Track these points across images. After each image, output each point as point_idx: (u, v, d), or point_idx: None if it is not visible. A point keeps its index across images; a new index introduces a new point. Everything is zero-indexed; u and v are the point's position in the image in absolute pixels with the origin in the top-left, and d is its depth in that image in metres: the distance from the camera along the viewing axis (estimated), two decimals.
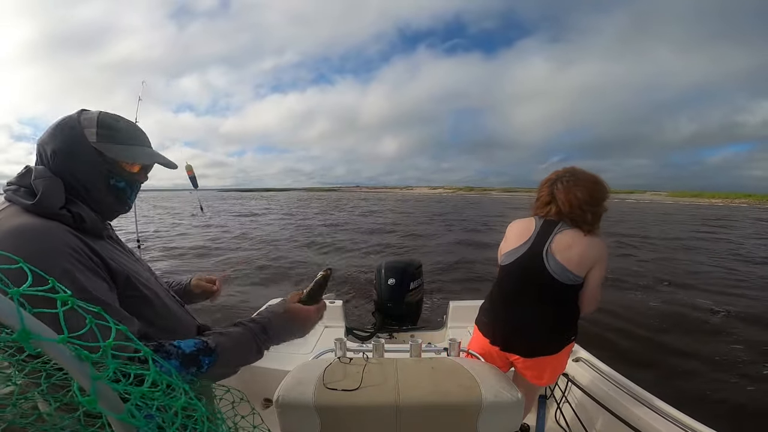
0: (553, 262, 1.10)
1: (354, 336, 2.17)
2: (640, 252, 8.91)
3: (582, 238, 1.09)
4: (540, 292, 1.15)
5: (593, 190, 1.13)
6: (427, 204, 40.91)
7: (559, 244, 1.10)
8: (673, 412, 1.18)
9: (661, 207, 39.58)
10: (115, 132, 0.64)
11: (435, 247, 9.55)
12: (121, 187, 0.66)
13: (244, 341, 0.63)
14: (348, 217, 19.95)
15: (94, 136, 0.61)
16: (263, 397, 1.76)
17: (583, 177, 1.15)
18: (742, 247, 10.77)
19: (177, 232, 12.50)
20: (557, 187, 1.15)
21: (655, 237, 12.23)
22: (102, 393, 0.31)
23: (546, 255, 1.12)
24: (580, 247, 1.08)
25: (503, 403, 0.89)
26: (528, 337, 1.18)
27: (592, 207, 1.12)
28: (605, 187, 1.16)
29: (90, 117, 0.63)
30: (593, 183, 1.14)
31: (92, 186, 0.63)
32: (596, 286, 1.11)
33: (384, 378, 0.98)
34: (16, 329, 0.26)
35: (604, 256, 1.10)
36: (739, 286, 5.84)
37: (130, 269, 0.63)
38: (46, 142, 0.61)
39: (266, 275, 6.30)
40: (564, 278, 1.09)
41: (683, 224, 18.76)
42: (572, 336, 1.19)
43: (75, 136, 0.61)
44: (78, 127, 0.61)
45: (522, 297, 1.19)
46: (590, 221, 1.11)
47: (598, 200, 1.13)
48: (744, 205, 53.86)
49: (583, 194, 1.11)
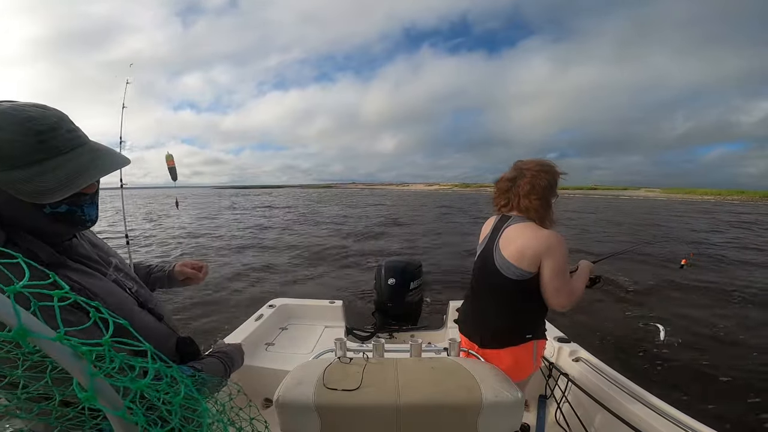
0: (499, 257, 1.10)
1: (354, 336, 2.17)
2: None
3: (526, 231, 1.06)
4: (493, 287, 1.17)
5: (535, 177, 1.08)
6: (419, 198, 43.74)
7: (505, 238, 1.10)
8: (673, 412, 1.18)
9: (656, 203, 40.06)
10: (13, 149, 0.42)
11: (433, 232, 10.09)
12: (63, 211, 0.50)
13: (220, 366, 0.75)
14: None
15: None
16: (263, 397, 1.75)
17: (527, 166, 1.11)
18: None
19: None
20: (519, 181, 1.11)
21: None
22: (100, 389, 0.31)
23: (495, 250, 1.12)
24: (522, 239, 1.05)
25: (503, 402, 0.89)
26: (482, 327, 1.23)
27: (538, 195, 1.07)
28: (552, 170, 1.10)
29: None
30: (537, 169, 1.09)
31: (23, 223, 0.48)
32: (552, 278, 1.02)
33: (384, 378, 0.98)
34: (14, 327, 0.26)
35: (553, 246, 1.01)
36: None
37: (100, 294, 0.55)
38: None
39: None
40: (509, 273, 1.08)
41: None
42: (528, 335, 1.15)
43: None
44: None
45: (480, 292, 1.25)
46: (538, 210, 1.07)
47: (542, 187, 1.08)
48: (736, 201, 54.59)
49: (530, 183, 1.07)
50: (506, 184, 1.16)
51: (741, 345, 3.55)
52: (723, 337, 3.72)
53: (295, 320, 2.35)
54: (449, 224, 14.75)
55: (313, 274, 6.31)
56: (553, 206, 1.12)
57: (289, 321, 2.34)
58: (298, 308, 2.40)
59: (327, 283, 5.71)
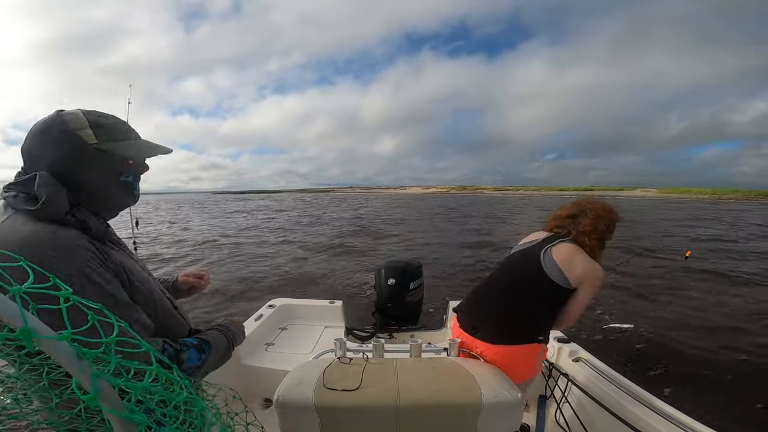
0: (548, 260, 1.15)
1: (354, 336, 2.17)
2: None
3: (582, 254, 1.15)
4: (524, 283, 1.18)
5: (598, 219, 1.19)
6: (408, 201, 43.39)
7: (559, 249, 1.16)
8: (672, 412, 1.18)
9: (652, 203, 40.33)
10: (110, 130, 0.63)
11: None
12: (129, 181, 0.69)
13: (223, 338, 0.77)
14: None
15: (92, 138, 0.61)
16: (263, 397, 1.74)
17: (591, 206, 1.22)
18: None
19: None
20: (581, 218, 1.21)
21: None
22: (103, 391, 0.31)
23: (543, 254, 1.17)
24: (578, 257, 1.14)
25: (503, 403, 0.90)
26: (495, 322, 1.20)
27: (597, 236, 1.18)
28: (613, 215, 1.22)
29: (77, 118, 0.60)
30: (600, 212, 1.20)
31: (103, 187, 0.64)
32: (582, 303, 1.14)
33: (384, 378, 0.98)
34: (18, 327, 0.26)
35: (598, 278, 1.12)
36: None
37: (133, 272, 0.65)
38: (37, 149, 0.59)
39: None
40: (553, 275, 1.12)
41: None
42: (540, 338, 1.18)
43: (72, 141, 0.59)
44: (69, 131, 0.59)
45: (505, 284, 1.24)
46: (594, 250, 1.17)
47: (601, 231, 1.19)
48: (731, 200, 54.96)
49: (591, 224, 1.19)
50: (566, 221, 1.24)
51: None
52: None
53: (295, 320, 2.35)
54: (450, 224, 14.85)
55: (313, 274, 6.30)
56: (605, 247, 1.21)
57: (289, 321, 2.33)
58: (298, 308, 2.40)
59: (327, 283, 5.71)
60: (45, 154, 0.59)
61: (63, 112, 0.62)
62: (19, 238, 0.52)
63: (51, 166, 0.59)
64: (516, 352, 1.16)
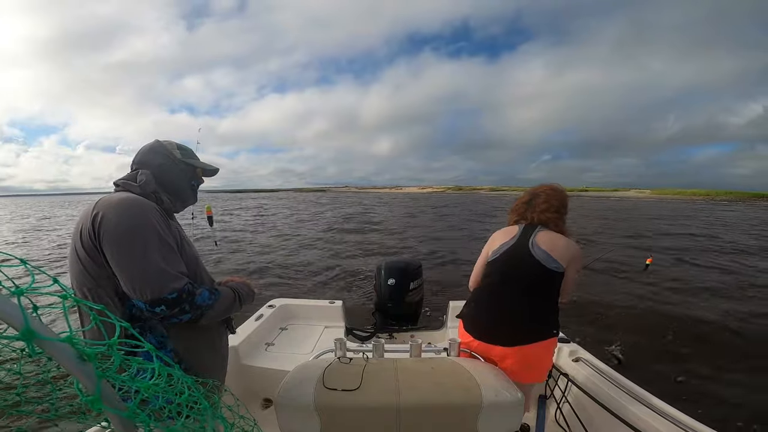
0: (538, 250, 1.21)
1: (354, 336, 2.16)
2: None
3: (560, 237, 1.26)
4: (525, 279, 1.20)
5: (563, 199, 1.33)
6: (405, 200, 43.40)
7: (542, 237, 1.25)
8: (672, 412, 1.19)
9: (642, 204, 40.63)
10: (188, 152, 1.00)
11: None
12: (195, 186, 1.02)
13: (230, 292, 0.94)
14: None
15: (179, 155, 0.96)
16: (263, 397, 1.74)
17: (540, 189, 1.36)
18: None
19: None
20: (535, 201, 1.34)
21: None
22: (106, 392, 0.30)
23: (531, 245, 1.23)
24: (562, 240, 1.24)
25: (503, 402, 0.90)
26: (511, 324, 1.20)
27: (561, 212, 1.32)
28: (563, 192, 1.38)
29: (170, 143, 0.97)
30: (561, 193, 1.35)
31: (182, 186, 0.97)
32: (573, 279, 1.25)
33: (384, 378, 0.98)
34: (20, 329, 0.25)
35: (578, 254, 1.24)
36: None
37: (184, 238, 0.90)
38: (147, 159, 0.92)
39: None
40: (548, 263, 1.18)
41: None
42: (554, 329, 1.21)
43: (169, 155, 0.94)
44: (166, 150, 0.94)
45: (507, 286, 1.23)
46: (557, 223, 1.30)
47: (565, 206, 1.33)
48: (725, 201, 55.58)
49: (557, 203, 1.32)
50: (523, 207, 1.36)
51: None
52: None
53: (295, 320, 2.34)
54: (448, 224, 14.84)
55: (313, 273, 6.28)
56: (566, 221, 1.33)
57: (289, 321, 2.32)
58: (298, 308, 2.39)
59: (327, 283, 5.70)
60: (151, 163, 0.91)
61: (160, 141, 0.96)
62: (119, 199, 0.77)
63: (154, 169, 0.91)
64: (536, 350, 1.17)
